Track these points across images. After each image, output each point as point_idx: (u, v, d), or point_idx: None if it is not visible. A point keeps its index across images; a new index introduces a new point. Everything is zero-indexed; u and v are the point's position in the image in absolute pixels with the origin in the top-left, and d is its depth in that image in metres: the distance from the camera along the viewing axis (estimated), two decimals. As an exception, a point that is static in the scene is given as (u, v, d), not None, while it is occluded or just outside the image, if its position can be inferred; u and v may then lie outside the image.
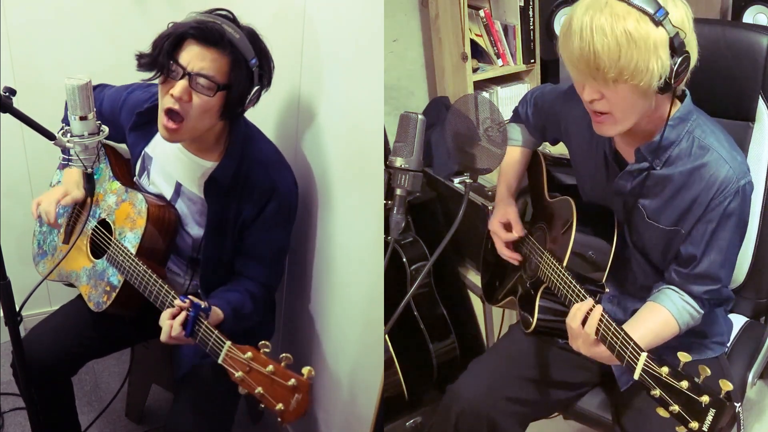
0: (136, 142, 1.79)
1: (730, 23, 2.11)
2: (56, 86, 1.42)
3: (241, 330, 1.65)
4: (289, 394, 1.29)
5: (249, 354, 1.34)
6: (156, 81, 1.56)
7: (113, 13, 2.33)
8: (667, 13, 1.22)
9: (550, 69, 2.58)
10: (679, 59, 1.24)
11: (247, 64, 1.53)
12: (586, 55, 1.22)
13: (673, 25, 1.23)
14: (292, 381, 1.28)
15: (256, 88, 1.56)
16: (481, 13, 2.49)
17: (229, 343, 1.39)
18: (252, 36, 1.57)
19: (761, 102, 1.58)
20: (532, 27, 2.49)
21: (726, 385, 1.10)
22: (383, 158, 1.43)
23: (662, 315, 1.41)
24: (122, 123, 1.80)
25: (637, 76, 1.22)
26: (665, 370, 1.15)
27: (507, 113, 2.52)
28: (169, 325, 1.45)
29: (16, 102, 1.37)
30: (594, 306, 1.32)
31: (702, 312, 1.43)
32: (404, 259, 2.19)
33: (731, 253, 1.41)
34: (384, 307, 1.59)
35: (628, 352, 1.23)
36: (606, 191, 1.52)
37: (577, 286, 1.40)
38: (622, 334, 1.25)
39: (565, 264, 1.47)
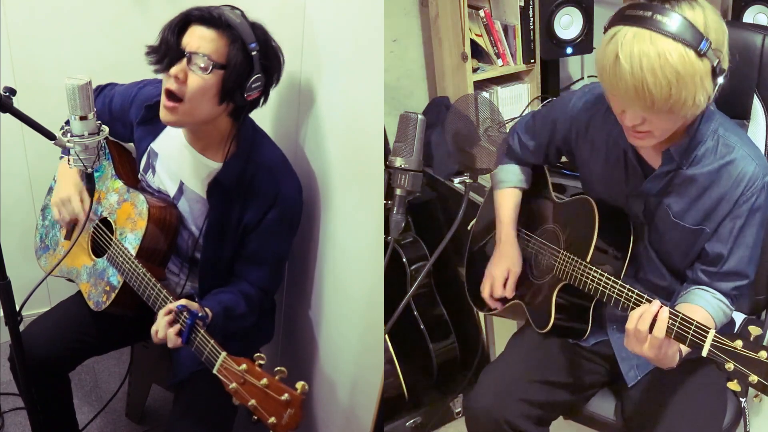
0: (143, 137, 1.79)
1: (727, 22, 2.11)
2: (56, 86, 1.42)
3: (235, 330, 1.65)
4: (282, 409, 1.29)
5: (244, 366, 1.34)
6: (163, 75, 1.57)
7: (113, 13, 2.32)
8: (710, 44, 1.19)
9: (550, 69, 2.58)
10: (720, 81, 1.23)
11: (245, 46, 1.54)
12: (640, 92, 1.20)
13: (713, 49, 1.20)
14: (286, 396, 1.28)
15: (256, 75, 1.56)
16: (481, 13, 2.49)
17: (224, 354, 1.39)
18: (257, 28, 1.59)
19: (756, 100, 1.59)
20: (532, 27, 2.49)
21: (756, 330, 1.14)
22: (383, 158, 1.42)
23: (700, 313, 1.39)
24: (131, 118, 1.80)
25: (684, 109, 1.22)
26: (739, 343, 1.16)
27: (507, 113, 2.53)
28: (165, 331, 1.48)
29: (16, 102, 1.37)
30: (660, 308, 1.28)
31: (733, 309, 1.44)
32: (404, 259, 2.19)
33: (757, 249, 1.42)
34: (384, 308, 1.59)
35: (691, 333, 1.23)
36: (622, 193, 1.52)
37: (612, 278, 1.39)
38: (681, 316, 1.25)
39: (588, 259, 1.47)
